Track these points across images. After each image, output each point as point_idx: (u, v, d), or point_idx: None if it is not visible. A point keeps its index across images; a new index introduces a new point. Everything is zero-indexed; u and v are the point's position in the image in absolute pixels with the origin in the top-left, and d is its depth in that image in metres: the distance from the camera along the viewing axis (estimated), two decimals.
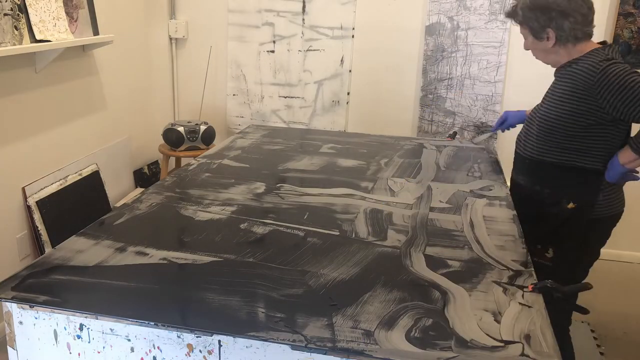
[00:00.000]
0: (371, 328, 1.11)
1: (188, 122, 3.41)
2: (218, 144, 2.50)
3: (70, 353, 1.21)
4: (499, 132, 3.37)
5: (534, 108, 2.01)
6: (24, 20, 2.41)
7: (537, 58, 1.96)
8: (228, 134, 3.72)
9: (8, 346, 1.24)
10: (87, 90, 3.08)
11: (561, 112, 1.84)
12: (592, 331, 2.68)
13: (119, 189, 3.44)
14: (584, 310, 1.64)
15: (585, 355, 2.50)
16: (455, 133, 3.10)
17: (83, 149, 3.07)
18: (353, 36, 3.49)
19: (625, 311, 2.91)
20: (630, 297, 3.07)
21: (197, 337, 1.12)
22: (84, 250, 1.41)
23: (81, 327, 1.18)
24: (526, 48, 1.96)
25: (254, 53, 3.64)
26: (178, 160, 3.65)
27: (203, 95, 3.74)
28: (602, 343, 2.60)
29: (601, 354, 2.52)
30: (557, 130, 1.85)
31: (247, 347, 1.10)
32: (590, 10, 1.84)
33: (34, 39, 2.46)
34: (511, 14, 1.94)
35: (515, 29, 3.29)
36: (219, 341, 1.11)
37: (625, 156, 1.79)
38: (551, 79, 1.95)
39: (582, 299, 1.32)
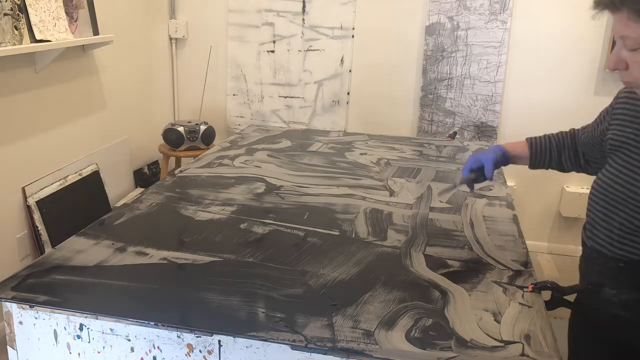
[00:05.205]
0: (371, 328, 1.11)
1: (188, 122, 3.40)
2: (218, 144, 2.50)
3: (70, 353, 1.21)
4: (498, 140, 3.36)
5: (607, 179, 1.26)
6: (24, 20, 2.41)
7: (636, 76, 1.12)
8: (228, 134, 3.72)
9: (8, 346, 1.24)
10: (87, 90, 3.08)
11: None
12: None
13: (119, 189, 3.43)
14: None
15: None
16: (455, 133, 3.10)
17: (83, 149, 3.07)
18: (353, 36, 3.48)
19: None
20: None
21: (197, 337, 1.12)
22: (84, 250, 1.41)
23: (81, 327, 1.18)
24: (617, 64, 1.12)
25: (254, 53, 3.64)
26: (178, 160, 3.65)
27: (203, 95, 3.74)
28: None
29: None
30: None
31: (247, 347, 1.10)
32: None
33: (34, 39, 2.46)
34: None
35: (515, 28, 3.30)
36: (219, 341, 1.11)
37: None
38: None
39: None
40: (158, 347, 1.15)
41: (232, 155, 2.30)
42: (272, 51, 3.61)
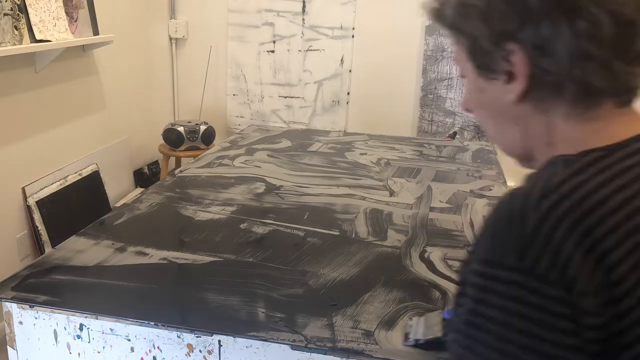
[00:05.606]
0: (371, 328, 1.11)
1: (188, 122, 3.40)
2: (218, 144, 2.50)
3: (70, 353, 1.21)
4: None
5: None
6: (24, 20, 2.41)
7: (488, 133, 0.78)
8: (228, 134, 3.72)
9: (8, 346, 1.24)
10: (87, 90, 3.08)
11: None
12: None
13: (119, 189, 3.43)
14: None
15: None
16: (455, 133, 3.11)
17: (83, 149, 3.06)
18: (353, 36, 3.48)
19: None
20: None
21: (197, 337, 1.12)
22: (84, 250, 1.41)
23: (81, 327, 1.18)
24: (465, 103, 0.79)
25: (254, 53, 3.64)
26: (178, 160, 3.64)
27: (203, 95, 3.74)
28: None
29: None
30: None
31: (247, 347, 1.10)
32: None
33: (34, 39, 2.46)
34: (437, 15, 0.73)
35: None
36: (219, 341, 1.11)
37: None
38: None
39: None
40: (158, 347, 1.15)
41: (232, 155, 2.30)
42: (272, 51, 3.61)
